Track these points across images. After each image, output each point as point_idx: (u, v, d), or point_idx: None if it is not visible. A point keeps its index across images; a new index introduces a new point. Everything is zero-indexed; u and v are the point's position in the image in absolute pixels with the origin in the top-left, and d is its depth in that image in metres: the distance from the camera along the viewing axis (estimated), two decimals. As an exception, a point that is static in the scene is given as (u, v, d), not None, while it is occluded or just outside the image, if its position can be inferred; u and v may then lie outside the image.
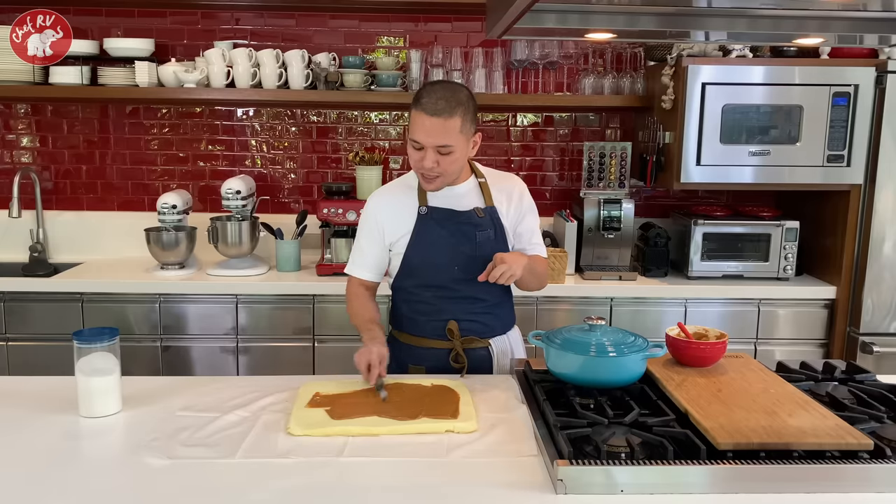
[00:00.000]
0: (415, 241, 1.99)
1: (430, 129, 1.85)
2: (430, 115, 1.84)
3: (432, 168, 1.89)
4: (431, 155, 1.87)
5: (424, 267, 2.00)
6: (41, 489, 1.34)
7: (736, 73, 2.94)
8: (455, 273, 1.98)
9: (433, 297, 2.01)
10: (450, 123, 1.85)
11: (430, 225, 1.99)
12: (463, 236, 1.98)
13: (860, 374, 1.83)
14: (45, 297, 2.92)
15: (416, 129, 1.88)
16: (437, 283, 2.00)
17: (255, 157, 3.48)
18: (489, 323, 2.05)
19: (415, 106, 1.88)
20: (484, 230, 2.00)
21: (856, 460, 1.36)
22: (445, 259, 1.98)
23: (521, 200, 2.10)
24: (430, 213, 1.99)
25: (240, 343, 2.98)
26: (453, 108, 1.85)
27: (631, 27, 1.82)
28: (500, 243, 2.02)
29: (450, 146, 1.87)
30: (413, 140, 1.89)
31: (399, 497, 1.33)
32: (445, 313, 2.01)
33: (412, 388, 1.80)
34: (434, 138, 1.86)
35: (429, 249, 1.98)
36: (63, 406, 1.67)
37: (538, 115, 3.50)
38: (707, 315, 3.01)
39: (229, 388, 1.81)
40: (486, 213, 2.02)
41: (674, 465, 1.34)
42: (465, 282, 1.97)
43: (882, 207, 2.94)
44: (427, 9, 3.32)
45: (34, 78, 3.14)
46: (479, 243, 1.99)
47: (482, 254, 1.95)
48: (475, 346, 2.03)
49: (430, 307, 2.02)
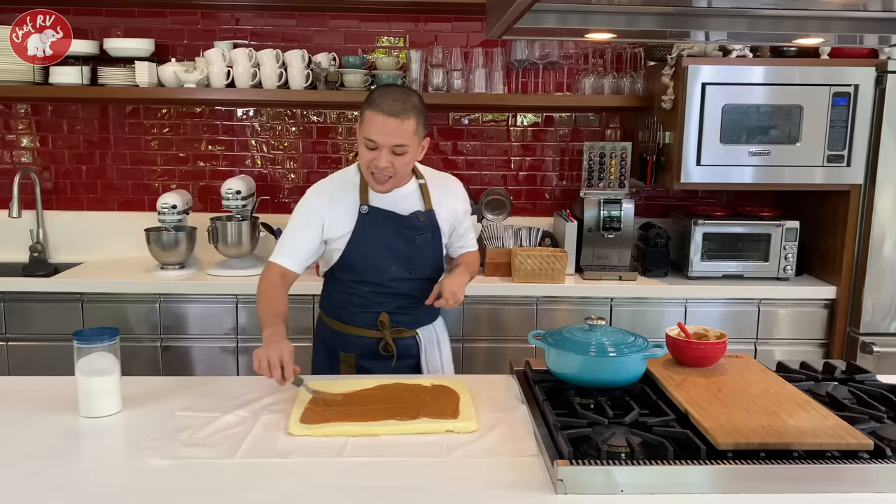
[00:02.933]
0: (355, 239, 2.04)
1: (388, 129, 1.90)
2: (388, 115, 1.89)
3: (386, 168, 1.94)
4: (386, 154, 1.92)
5: (363, 264, 2.06)
6: (41, 489, 1.34)
7: (736, 73, 2.94)
8: (392, 272, 2.07)
9: (369, 292, 2.08)
10: (406, 125, 1.91)
11: (371, 225, 2.04)
12: (402, 238, 2.06)
13: (860, 374, 1.83)
14: (45, 297, 2.92)
15: (371, 129, 1.91)
16: (373, 280, 2.07)
17: (255, 157, 3.48)
18: (416, 315, 2.14)
19: (370, 107, 1.92)
20: (423, 233, 2.09)
21: (856, 460, 1.36)
22: (384, 259, 2.05)
23: (460, 204, 2.20)
24: (372, 213, 2.04)
25: (240, 343, 2.98)
26: (409, 110, 1.91)
27: (631, 27, 1.82)
28: (435, 245, 2.13)
29: (405, 146, 1.93)
30: (368, 139, 1.93)
31: (399, 497, 1.33)
32: (378, 307, 2.08)
33: (412, 388, 1.80)
34: (391, 138, 1.91)
35: (368, 249, 2.04)
36: (63, 406, 1.67)
37: (538, 115, 3.50)
38: (707, 315, 3.01)
39: (229, 388, 1.82)
40: (426, 217, 2.10)
41: (674, 465, 1.34)
42: (401, 280, 2.08)
43: (882, 207, 2.93)
44: (427, 9, 3.32)
45: (34, 78, 3.14)
46: (418, 245, 2.08)
47: (419, 255, 2.08)
48: (403, 335, 2.12)
49: (364, 300, 2.09)
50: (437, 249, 2.14)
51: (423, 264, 2.10)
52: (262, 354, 1.74)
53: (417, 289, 2.10)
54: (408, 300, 2.10)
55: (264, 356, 1.73)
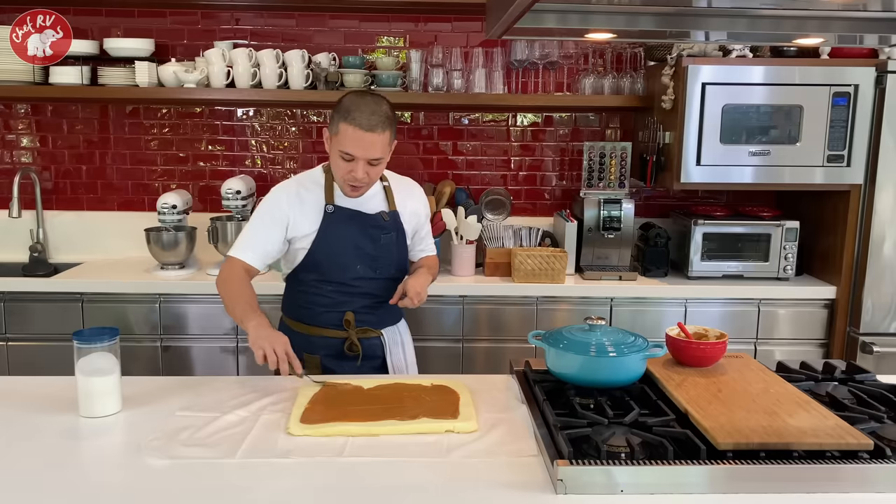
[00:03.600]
0: (321, 238, 2.04)
1: (365, 143, 1.93)
2: (366, 130, 1.92)
3: (362, 179, 1.97)
4: (363, 167, 1.96)
5: (328, 264, 2.06)
6: (41, 489, 1.34)
7: (736, 73, 2.94)
8: (357, 271, 2.08)
9: (333, 291, 2.08)
10: (382, 137, 1.95)
11: (336, 224, 2.05)
12: (367, 237, 2.08)
13: (860, 374, 1.83)
14: (45, 297, 2.92)
15: (349, 143, 1.93)
16: (338, 280, 2.08)
17: (255, 157, 3.48)
18: (381, 315, 2.15)
19: (346, 119, 1.93)
20: (388, 233, 2.11)
21: (856, 460, 1.36)
22: (349, 258, 2.06)
23: (422, 209, 2.24)
24: (337, 212, 2.06)
25: (240, 343, 2.97)
26: (384, 123, 1.95)
27: (631, 27, 1.82)
28: (400, 245, 2.15)
29: (381, 158, 1.98)
30: (345, 153, 1.94)
31: (399, 497, 1.33)
32: (343, 306, 2.09)
33: (412, 388, 1.80)
34: (368, 152, 1.94)
35: (334, 247, 2.05)
36: (63, 406, 1.67)
37: (538, 115, 3.50)
38: (707, 315, 3.01)
39: (229, 388, 1.82)
40: (391, 217, 2.13)
41: (674, 465, 1.34)
42: (366, 279, 2.09)
43: (882, 207, 2.93)
44: (427, 9, 3.32)
45: (34, 78, 3.14)
46: (383, 244, 2.10)
47: (384, 254, 2.10)
48: (369, 335, 2.12)
49: (328, 300, 2.09)
50: (402, 250, 2.17)
51: (388, 263, 2.12)
52: (264, 346, 1.74)
53: (382, 288, 2.12)
54: (373, 299, 2.12)
55: (268, 347, 1.73)
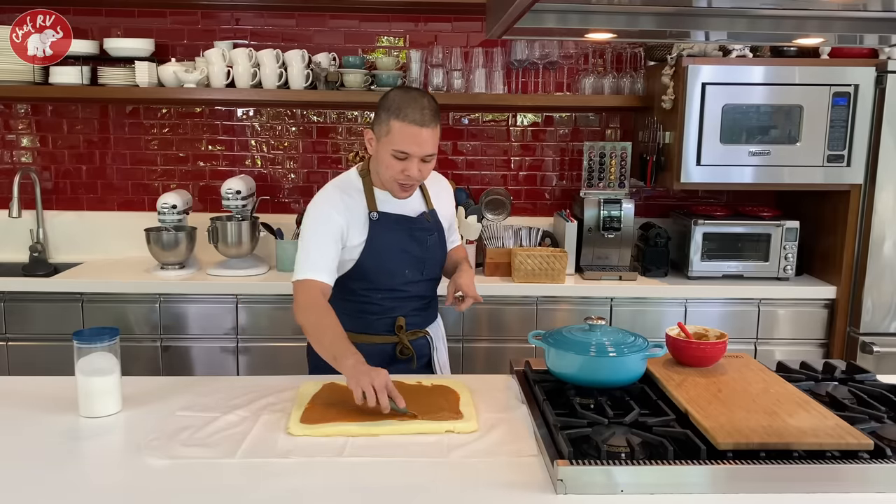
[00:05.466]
0: (370, 246, 1.98)
1: (421, 140, 1.87)
2: (422, 126, 1.86)
3: (417, 177, 1.92)
4: (417, 164, 1.90)
5: (377, 271, 2.01)
6: (41, 489, 1.34)
7: (736, 73, 2.94)
8: (406, 276, 2.04)
9: (382, 298, 2.04)
10: (435, 132, 1.90)
11: (383, 231, 2.00)
12: (415, 241, 2.04)
13: (860, 374, 1.83)
14: (45, 297, 2.92)
15: (403, 141, 1.86)
16: (388, 287, 2.03)
17: (255, 157, 3.48)
18: (426, 315, 2.15)
19: (398, 117, 1.86)
20: (432, 234, 2.08)
21: (856, 460, 1.36)
22: (398, 264, 2.02)
23: (452, 202, 2.23)
24: (382, 218, 2.01)
25: (240, 343, 2.97)
26: (435, 117, 1.90)
27: (631, 27, 1.82)
28: (442, 244, 2.13)
29: (433, 154, 1.93)
30: (399, 151, 1.87)
31: (399, 497, 1.33)
32: (393, 311, 2.06)
33: (412, 388, 1.80)
34: (423, 148, 1.88)
35: (383, 255, 2.00)
36: (63, 406, 1.67)
37: (538, 115, 3.50)
38: (707, 315, 3.01)
39: (229, 388, 1.82)
40: (432, 217, 2.10)
41: (674, 465, 1.34)
42: (414, 283, 2.06)
43: (882, 207, 2.93)
44: (427, 9, 3.32)
45: (34, 78, 3.14)
46: (429, 247, 2.07)
47: (430, 256, 2.07)
48: (417, 336, 2.11)
49: (379, 307, 2.05)
50: (444, 248, 2.15)
51: (434, 264, 2.10)
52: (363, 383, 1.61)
53: (428, 289, 2.12)
54: (421, 301, 2.10)
55: (367, 384, 1.60)
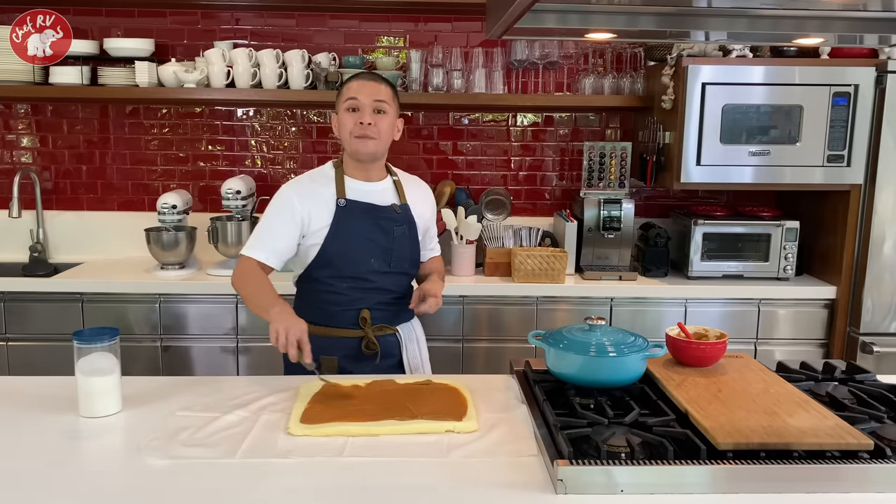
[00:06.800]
0: (334, 231, 2.03)
1: (367, 87, 2.03)
2: (365, 79, 2.05)
3: (371, 126, 2.01)
4: (369, 112, 2.01)
5: (341, 258, 2.05)
6: (41, 489, 1.34)
7: (736, 73, 2.94)
8: (371, 265, 2.06)
9: (348, 288, 2.06)
10: (383, 86, 2.05)
11: (348, 217, 2.05)
12: (381, 230, 2.08)
13: (860, 374, 1.83)
14: (45, 297, 2.92)
15: (351, 90, 2.03)
16: (352, 275, 2.06)
17: (255, 157, 3.48)
18: (396, 311, 2.13)
19: (348, 80, 2.07)
20: (400, 225, 2.11)
21: (856, 460, 1.35)
22: (363, 251, 2.05)
23: (430, 207, 2.26)
24: (349, 205, 2.05)
25: (240, 343, 2.97)
26: (384, 80, 2.07)
27: (631, 27, 1.82)
28: (412, 239, 2.15)
29: (384, 102, 2.03)
30: (349, 99, 2.02)
31: (399, 497, 1.33)
32: (358, 303, 2.07)
33: (413, 388, 1.80)
34: (371, 95, 2.02)
35: (347, 241, 2.04)
36: (63, 406, 1.67)
37: (538, 115, 3.50)
38: (707, 315, 3.01)
39: (229, 388, 1.82)
40: (402, 210, 2.13)
41: (674, 465, 1.33)
42: (380, 273, 2.08)
43: (882, 207, 2.94)
44: (427, 9, 3.32)
45: (34, 78, 3.14)
46: (396, 237, 2.10)
47: (398, 247, 2.10)
48: (385, 333, 2.11)
49: (343, 297, 2.06)
50: (415, 244, 2.16)
51: (402, 257, 2.12)
52: (279, 329, 1.75)
53: (396, 283, 2.12)
54: (388, 295, 2.11)
55: (282, 330, 1.74)
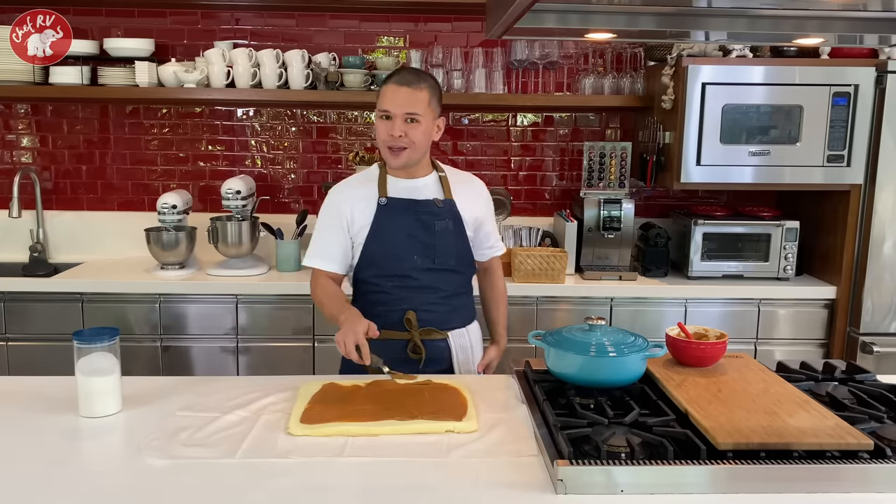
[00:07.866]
0: (375, 229, 2.03)
1: (400, 97, 1.94)
2: (400, 84, 1.95)
3: (401, 138, 1.95)
4: (400, 123, 1.95)
5: (384, 256, 2.04)
6: (41, 489, 1.34)
7: (736, 73, 2.94)
8: (414, 262, 2.04)
9: (392, 286, 2.04)
10: (418, 94, 1.95)
11: (389, 215, 2.04)
12: (422, 225, 2.04)
13: (860, 374, 1.83)
14: (45, 297, 2.92)
15: (384, 100, 1.96)
16: (396, 273, 2.04)
17: (255, 157, 3.48)
18: (447, 314, 2.09)
19: (384, 82, 1.99)
20: (442, 219, 2.06)
21: (856, 460, 1.35)
22: (405, 248, 2.03)
23: (483, 202, 2.19)
24: (390, 203, 2.04)
25: (240, 343, 2.98)
26: (421, 82, 1.97)
27: (631, 27, 1.82)
28: (458, 235, 2.09)
29: (417, 114, 1.95)
30: (381, 110, 1.97)
31: (399, 497, 1.33)
32: (404, 303, 2.04)
33: (413, 388, 1.80)
34: (403, 106, 1.94)
35: (388, 238, 2.03)
36: (63, 406, 1.67)
37: (538, 115, 3.50)
38: (707, 315, 3.01)
39: (229, 388, 1.81)
40: (445, 204, 2.07)
41: (674, 465, 1.34)
42: (424, 271, 2.04)
43: (882, 207, 2.94)
44: (427, 9, 3.32)
45: (34, 78, 3.14)
46: (438, 232, 2.05)
47: (441, 242, 2.04)
48: (433, 337, 2.06)
49: (388, 297, 2.05)
50: (462, 240, 2.09)
51: (446, 253, 2.05)
52: (338, 338, 1.80)
53: (444, 281, 2.06)
54: (434, 294, 2.05)
55: (341, 339, 1.80)
